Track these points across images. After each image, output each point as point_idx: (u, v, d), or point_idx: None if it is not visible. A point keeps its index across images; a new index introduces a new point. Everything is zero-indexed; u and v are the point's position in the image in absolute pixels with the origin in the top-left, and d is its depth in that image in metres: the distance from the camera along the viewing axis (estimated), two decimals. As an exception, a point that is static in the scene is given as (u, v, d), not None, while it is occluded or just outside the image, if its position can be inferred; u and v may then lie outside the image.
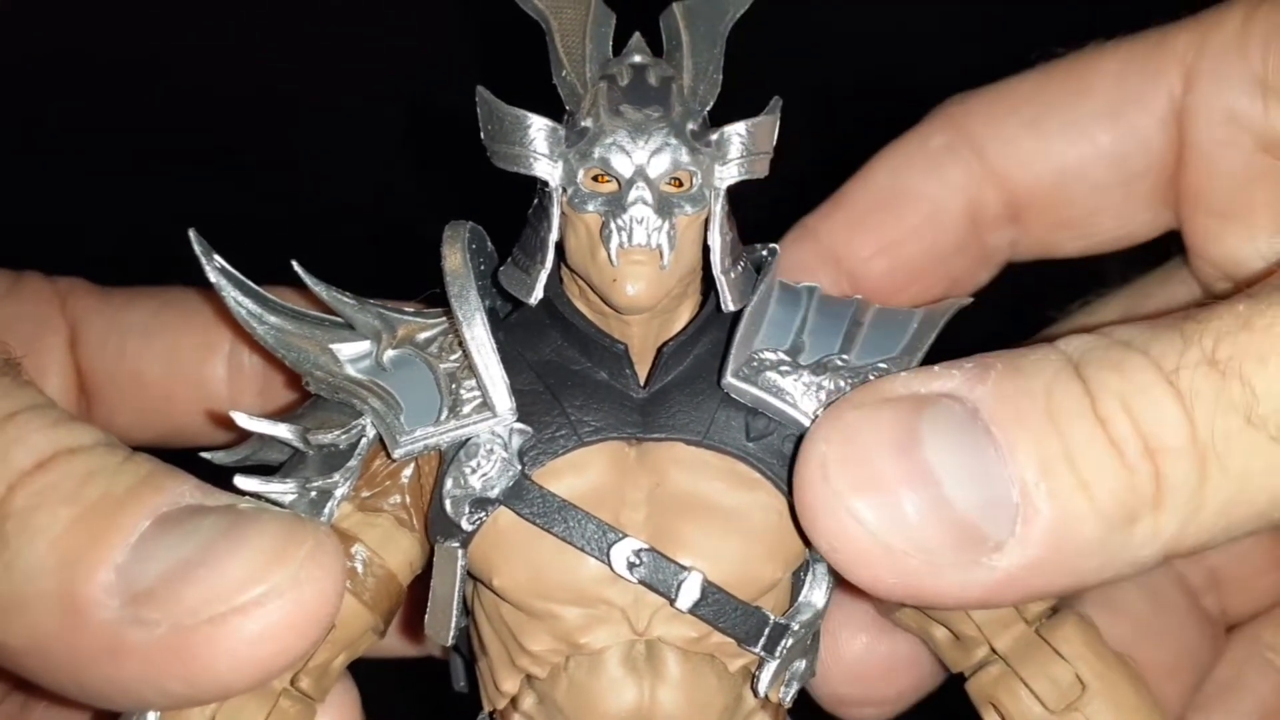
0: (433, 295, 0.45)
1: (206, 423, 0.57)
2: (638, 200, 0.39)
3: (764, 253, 0.46)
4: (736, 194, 0.42)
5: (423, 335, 0.44)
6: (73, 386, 0.56)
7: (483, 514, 0.41)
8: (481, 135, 0.42)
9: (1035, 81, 0.55)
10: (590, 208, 0.40)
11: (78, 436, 0.38)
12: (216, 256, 0.45)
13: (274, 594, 0.35)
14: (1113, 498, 0.36)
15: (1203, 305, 0.38)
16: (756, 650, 0.42)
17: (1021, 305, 0.56)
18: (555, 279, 0.43)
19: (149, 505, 0.36)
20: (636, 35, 0.43)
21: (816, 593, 0.43)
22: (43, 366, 0.54)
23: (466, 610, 0.44)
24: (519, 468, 0.41)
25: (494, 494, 0.41)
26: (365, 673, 0.47)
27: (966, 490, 0.37)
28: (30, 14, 0.66)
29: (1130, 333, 0.38)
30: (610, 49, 0.43)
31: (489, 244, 0.46)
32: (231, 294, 0.45)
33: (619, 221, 0.39)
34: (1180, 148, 0.53)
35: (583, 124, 0.40)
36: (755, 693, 0.42)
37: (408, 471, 0.43)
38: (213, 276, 0.45)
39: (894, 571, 0.37)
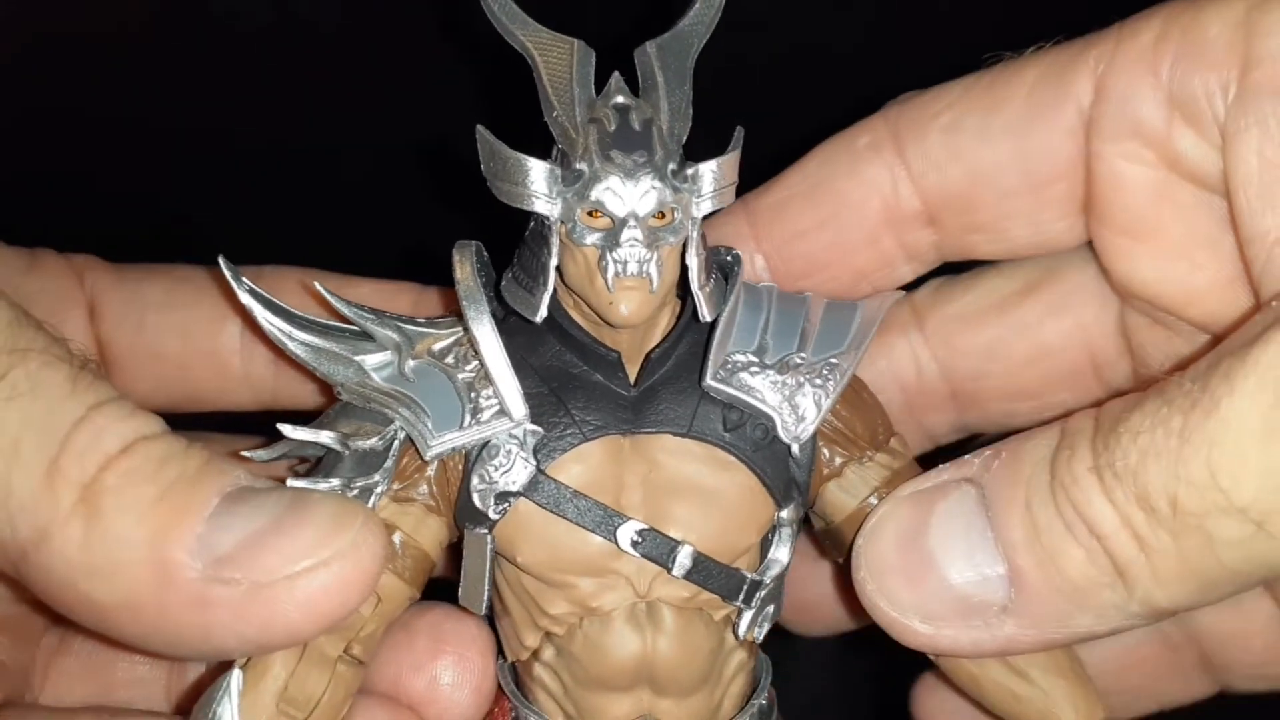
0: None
1: (219, 390, 0.62)
2: (630, 239, 0.46)
3: (728, 257, 0.53)
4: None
5: (438, 346, 0.50)
6: (94, 358, 0.59)
7: (506, 505, 0.48)
8: (482, 170, 0.48)
9: (963, 87, 0.55)
10: (588, 241, 0.46)
11: (150, 425, 0.44)
12: (245, 279, 0.50)
13: (338, 557, 0.43)
14: (1077, 570, 0.43)
15: (1136, 396, 0.43)
16: (737, 603, 0.50)
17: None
18: (553, 294, 0.50)
19: (216, 485, 0.43)
20: (616, 76, 0.48)
21: (782, 550, 0.51)
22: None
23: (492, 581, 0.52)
24: (534, 464, 0.48)
25: (514, 488, 0.48)
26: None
27: (963, 569, 0.45)
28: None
29: (1081, 423, 0.44)
30: (593, 88, 0.48)
31: (485, 254, 0.52)
32: (263, 314, 0.50)
33: (614, 255, 0.46)
34: (1088, 160, 0.52)
35: (577, 166, 0.46)
36: (735, 635, 0.51)
37: (433, 465, 0.50)
38: (244, 299, 0.50)
39: (916, 637, 0.46)
